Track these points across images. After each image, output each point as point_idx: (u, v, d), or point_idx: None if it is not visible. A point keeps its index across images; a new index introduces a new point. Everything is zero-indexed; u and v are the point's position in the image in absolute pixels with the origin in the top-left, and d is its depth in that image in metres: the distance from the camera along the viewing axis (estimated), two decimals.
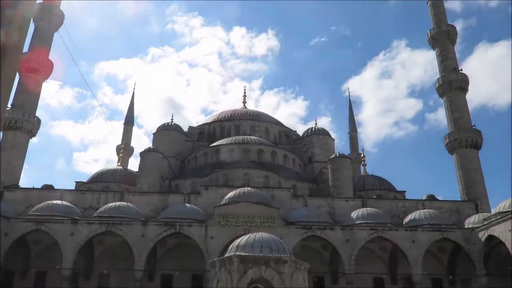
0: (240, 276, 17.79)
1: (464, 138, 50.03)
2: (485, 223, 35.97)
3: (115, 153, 76.46)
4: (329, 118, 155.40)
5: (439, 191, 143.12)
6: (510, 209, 33.72)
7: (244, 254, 18.30)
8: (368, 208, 40.54)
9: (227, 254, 19.38)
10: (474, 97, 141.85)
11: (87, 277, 37.62)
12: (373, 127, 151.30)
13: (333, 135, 61.03)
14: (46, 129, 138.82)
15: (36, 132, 49.56)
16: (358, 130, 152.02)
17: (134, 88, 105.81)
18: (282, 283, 17.68)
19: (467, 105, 53.38)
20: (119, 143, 76.66)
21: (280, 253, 18.45)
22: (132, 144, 79.25)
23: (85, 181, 51.03)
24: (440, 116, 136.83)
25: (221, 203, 38.89)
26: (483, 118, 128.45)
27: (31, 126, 48.20)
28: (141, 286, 34.86)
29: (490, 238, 34.92)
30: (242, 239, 19.70)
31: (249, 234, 20.51)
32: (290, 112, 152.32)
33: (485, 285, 35.46)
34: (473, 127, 51.12)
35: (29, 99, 49.28)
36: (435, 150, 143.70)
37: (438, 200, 46.43)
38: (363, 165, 58.33)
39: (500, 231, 33.28)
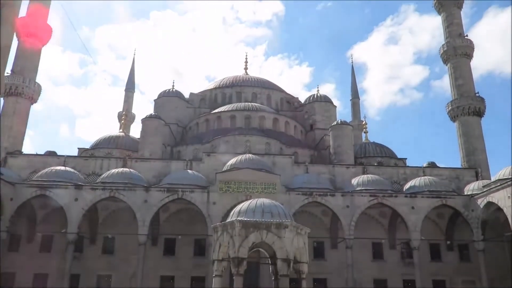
0: (242, 240, 18.14)
1: (467, 106, 49.75)
2: (484, 190, 36.33)
3: (117, 120, 76.57)
4: (333, 85, 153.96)
5: (441, 159, 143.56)
6: (510, 176, 33.97)
7: (245, 219, 18.59)
8: (368, 175, 40.92)
9: (229, 219, 19.70)
10: (481, 63, 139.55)
11: (92, 241, 38.50)
12: (377, 94, 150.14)
13: (337, 102, 61.29)
14: (48, 95, 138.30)
15: (37, 98, 49.42)
16: (363, 97, 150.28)
17: (134, 54, 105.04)
18: (282, 247, 18.05)
19: (471, 72, 52.78)
20: (121, 109, 76.59)
21: (281, 218, 18.73)
22: (136, 111, 79.44)
23: (88, 147, 51.31)
24: (446, 84, 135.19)
25: (223, 170, 39.24)
26: (489, 85, 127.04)
27: (32, 92, 48.03)
28: (145, 250, 35.68)
29: (489, 204, 35.35)
30: (244, 205, 19.97)
31: (251, 200, 20.76)
32: (294, 78, 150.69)
33: (482, 250, 36.21)
34: (476, 94, 50.73)
35: (28, 64, 48.87)
36: (439, 118, 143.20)
37: (438, 167, 46.74)
38: (364, 132, 58.33)
39: (499, 197, 33.65)
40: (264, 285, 32.81)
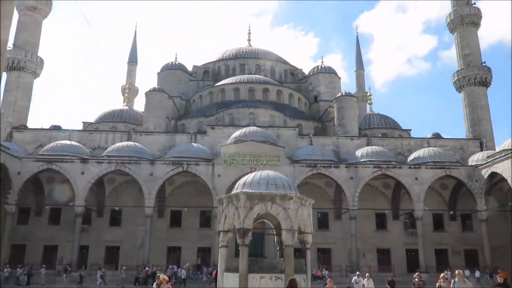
0: (247, 212, 18.35)
1: (473, 76, 49.16)
2: (488, 160, 36.36)
3: (120, 93, 76.49)
4: (340, 56, 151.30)
5: (446, 130, 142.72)
6: None
7: (250, 191, 18.77)
8: (372, 147, 40.97)
9: (233, 191, 19.90)
10: (491, 32, 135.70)
11: (99, 213, 39.14)
12: (384, 65, 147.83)
13: (344, 74, 60.84)
14: (51, 69, 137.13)
15: (40, 73, 49.26)
16: (370, 68, 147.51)
17: (136, 27, 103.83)
18: (287, 218, 18.29)
19: (478, 41, 51.89)
20: (124, 83, 76.37)
21: (285, 190, 18.89)
22: (139, 84, 79.22)
23: (92, 121, 51.47)
24: (454, 54, 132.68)
25: (227, 142, 39.37)
26: (498, 55, 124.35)
27: (35, 67, 47.86)
28: (151, 222, 36.28)
29: (493, 175, 35.46)
30: (249, 177, 20.09)
31: (255, 172, 20.87)
32: (300, 49, 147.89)
33: (484, 220, 36.56)
34: (483, 64, 50.03)
35: (30, 38, 48.48)
36: (445, 89, 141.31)
37: (443, 138, 46.62)
38: (369, 103, 58.01)
39: (503, 168, 33.70)
40: (269, 255, 33.43)
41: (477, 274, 33.33)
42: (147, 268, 32.32)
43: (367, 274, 17.75)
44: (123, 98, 66.00)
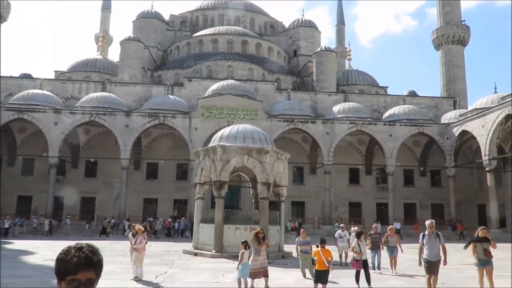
0: (224, 165, 18.53)
1: (451, 34, 49.25)
2: (460, 118, 37.29)
3: (94, 42, 73.67)
4: (326, 10, 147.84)
5: (424, 88, 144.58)
6: (486, 106, 34.81)
7: (227, 144, 18.84)
8: (349, 103, 41.30)
9: (210, 144, 19.93)
10: None
11: (74, 165, 38.73)
12: (371, 21, 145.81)
13: (329, 28, 59.36)
14: (19, 14, 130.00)
15: (8, 17, 46.59)
16: (355, 24, 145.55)
17: None
18: (263, 171, 18.55)
19: None
20: (98, 31, 73.42)
21: (262, 144, 19.04)
22: (113, 33, 76.23)
23: (65, 70, 49.74)
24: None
25: (205, 95, 38.94)
26: (484, 13, 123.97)
27: (1, 10, 45.20)
28: (127, 174, 36.22)
29: (464, 133, 36.50)
30: (226, 130, 20.12)
31: (233, 125, 20.91)
32: (285, 1, 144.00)
33: (452, 176, 38.01)
34: (462, 23, 50.07)
35: None
36: (426, 47, 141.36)
37: (418, 96, 47.30)
38: (348, 59, 57.79)
39: (473, 126, 34.67)
40: (245, 207, 34.13)
41: (397, 225, 34.05)
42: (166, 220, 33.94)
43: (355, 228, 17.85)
44: (96, 47, 63.69)
